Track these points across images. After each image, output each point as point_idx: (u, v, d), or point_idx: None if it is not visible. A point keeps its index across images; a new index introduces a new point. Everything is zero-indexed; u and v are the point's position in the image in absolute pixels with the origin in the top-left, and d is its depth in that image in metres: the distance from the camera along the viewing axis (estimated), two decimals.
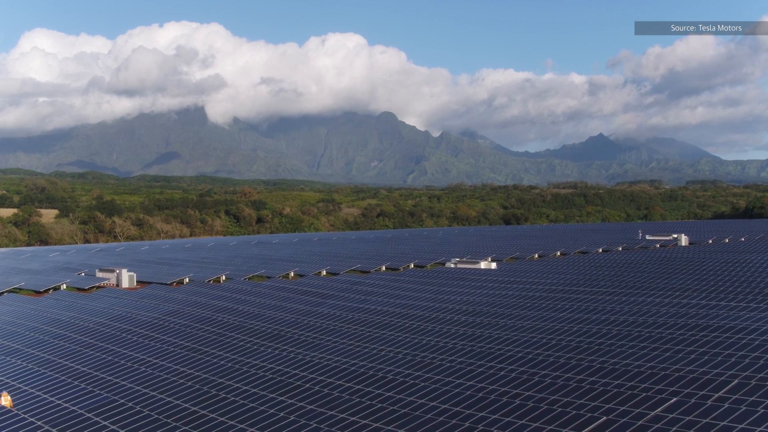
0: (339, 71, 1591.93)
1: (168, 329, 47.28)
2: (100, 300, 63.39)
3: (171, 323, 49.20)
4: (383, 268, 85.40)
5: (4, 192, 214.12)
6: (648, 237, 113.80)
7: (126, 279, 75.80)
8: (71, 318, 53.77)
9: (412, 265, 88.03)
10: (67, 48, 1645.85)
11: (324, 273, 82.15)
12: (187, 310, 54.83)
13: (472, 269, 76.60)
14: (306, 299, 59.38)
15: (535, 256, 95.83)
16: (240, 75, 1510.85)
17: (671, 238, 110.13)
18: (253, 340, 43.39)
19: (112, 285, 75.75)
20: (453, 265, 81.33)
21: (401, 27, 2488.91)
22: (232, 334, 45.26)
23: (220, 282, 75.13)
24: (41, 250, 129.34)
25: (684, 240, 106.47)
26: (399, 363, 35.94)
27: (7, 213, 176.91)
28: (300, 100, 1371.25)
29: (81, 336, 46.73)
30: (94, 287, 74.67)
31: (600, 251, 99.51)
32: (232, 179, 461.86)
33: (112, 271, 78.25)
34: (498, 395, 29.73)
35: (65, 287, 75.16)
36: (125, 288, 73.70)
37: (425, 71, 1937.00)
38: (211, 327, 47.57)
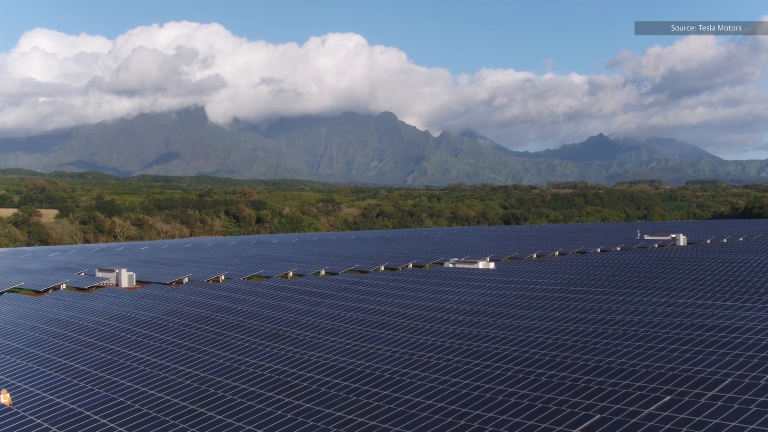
0: (339, 71, 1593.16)
1: (167, 328, 47.53)
2: (99, 299, 63.64)
3: (170, 322, 49.45)
4: (382, 268, 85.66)
5: (4, 192, 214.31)
6: (646, 237, 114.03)
7: (125, 279, 76.10)
8: (71, 317, 54.03)
9: (410, 265, 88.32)
10: (67, 48, 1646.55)
11: (323, 273, 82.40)
12: (187, 309, 55.09)
13: (470, 269, 76.87)
14: (305, 299, 59.65)
15: (534, 256, 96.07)
16: (240, 75, 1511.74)
17: (669, 238, 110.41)
18: (252, 339, 43.65)
19: (111, 285, 76.01)
20: (451, 265, 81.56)
21: (401, 27, 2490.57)
22: (231, 333, 45.51)
23: (219, 282, 75.40)
24: (41, 250, 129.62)
25: (682, 240, 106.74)
26: (397, 362, 36.20)
27: (7, 213, 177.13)
28: (300, 100, 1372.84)
29: (80, 335, 47.00)
30: (93, 287, 74.93)
31: (598, 251, 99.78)
32: (232, 179, 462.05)
33: (111, 271, 78.54)
34: (494, 394, 29.99)
35: (65, 287, 75.42)
36: (125, 288, 73.98)
37: (425, 71, 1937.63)
38: (210, 326, 47.82)
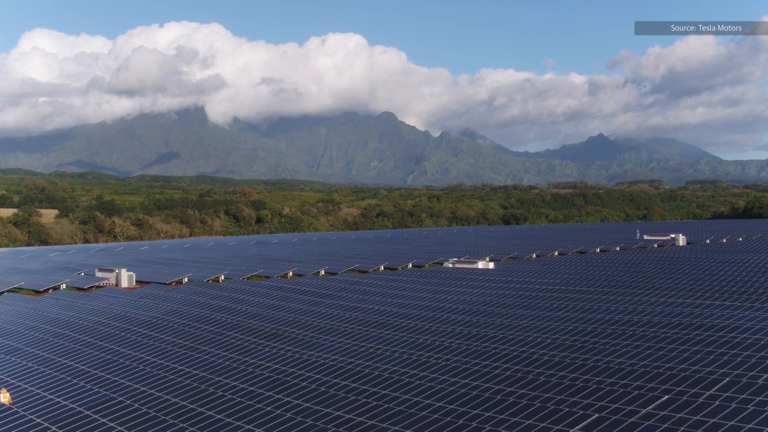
0: (339, 71, 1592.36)
1: (167, 328, 47.62)
2: (99, 299, 63.73)
3: (170, 322, 49.54)
4: (381, 267, 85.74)
5: (4, 192, 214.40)
6: (646, 237, 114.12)
7: (125, 279, 76.18)
8: (71, 317, 54.11)
9: (410, 265, 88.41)
10: (67, 48, 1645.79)
11: (322, 273, 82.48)
12: (186, 309, 55.18)
13: (469, 269, 76.95)
14: (304, 299, 59.73)
15: (533, 256, 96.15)
16: (240, 75, 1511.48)
17: (669, 238, 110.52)
18: (252, 339, 43.74)
19: (111, 285, 76.09)
20: (451, 265, 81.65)
21: (401, 27, 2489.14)
22: (230, 333, 45.60)
23: (219, 282, 75.49)
24: (41, 250, 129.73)
25: (682, 240, 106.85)
26: (396, 362, 36.29)
27: (7, 213, 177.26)
28: (300, 100, 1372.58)
29: (80, 335, 47.08)
30: (93, 287, 75.01)
31: (598, 251, 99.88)
32: (232, 179, 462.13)
33: (111, 271, 78.62)
34: (493, 393, 30.08)
35: (65, 287, 75.50)
36: (124, 287, 74.05)
37: (425, 71, 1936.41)
38: (210, 326, 47.91)
